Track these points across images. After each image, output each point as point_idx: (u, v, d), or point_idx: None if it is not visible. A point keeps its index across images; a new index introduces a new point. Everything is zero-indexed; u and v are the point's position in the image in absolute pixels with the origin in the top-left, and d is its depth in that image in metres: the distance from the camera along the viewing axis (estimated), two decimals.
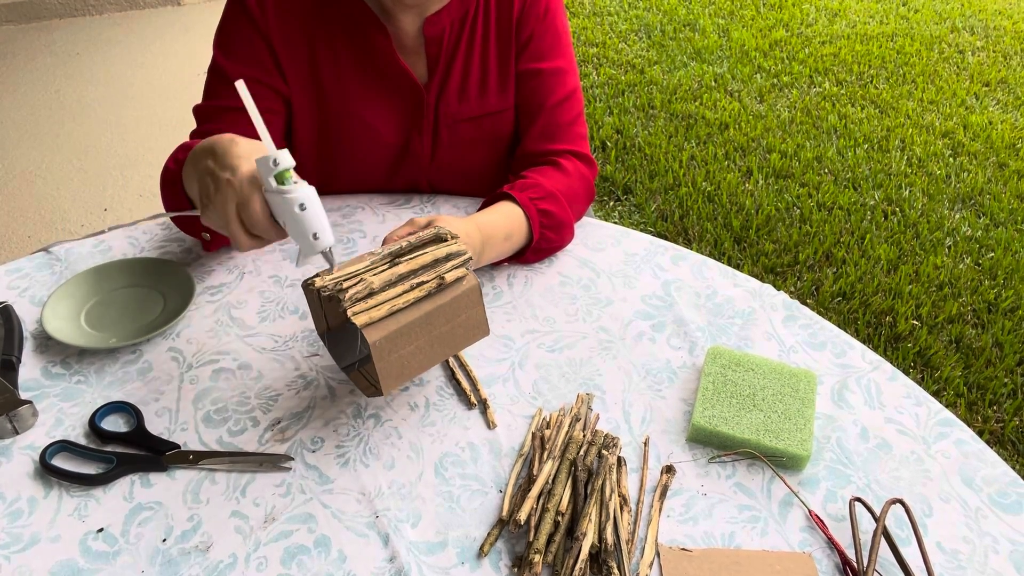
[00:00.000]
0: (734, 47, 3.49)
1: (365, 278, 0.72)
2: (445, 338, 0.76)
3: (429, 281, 0.74)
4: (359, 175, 1.12)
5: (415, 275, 0.74)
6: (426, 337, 0.75)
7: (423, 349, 0.75)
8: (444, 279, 0.74)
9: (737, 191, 2.55)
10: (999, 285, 2.20)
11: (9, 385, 0.81)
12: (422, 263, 0.75)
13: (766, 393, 0.82)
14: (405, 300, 0.73)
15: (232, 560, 0.68)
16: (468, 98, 1.07)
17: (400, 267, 0.74)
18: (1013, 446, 1.77)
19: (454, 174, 1.14)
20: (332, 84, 1.03)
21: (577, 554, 0.66)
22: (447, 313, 0.75)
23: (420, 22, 1.02)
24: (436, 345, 0.76)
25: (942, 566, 0.70)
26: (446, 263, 0.76)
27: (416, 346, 0.74)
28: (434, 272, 0.75)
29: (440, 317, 0.75)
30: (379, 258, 0.75)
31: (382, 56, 1.02)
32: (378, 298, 0.72)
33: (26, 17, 3.58)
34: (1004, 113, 3.05)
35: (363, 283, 0.71)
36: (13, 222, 2.39)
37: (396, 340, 0.72)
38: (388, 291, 0.73)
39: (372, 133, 1.07)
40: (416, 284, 0.73)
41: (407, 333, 0.73)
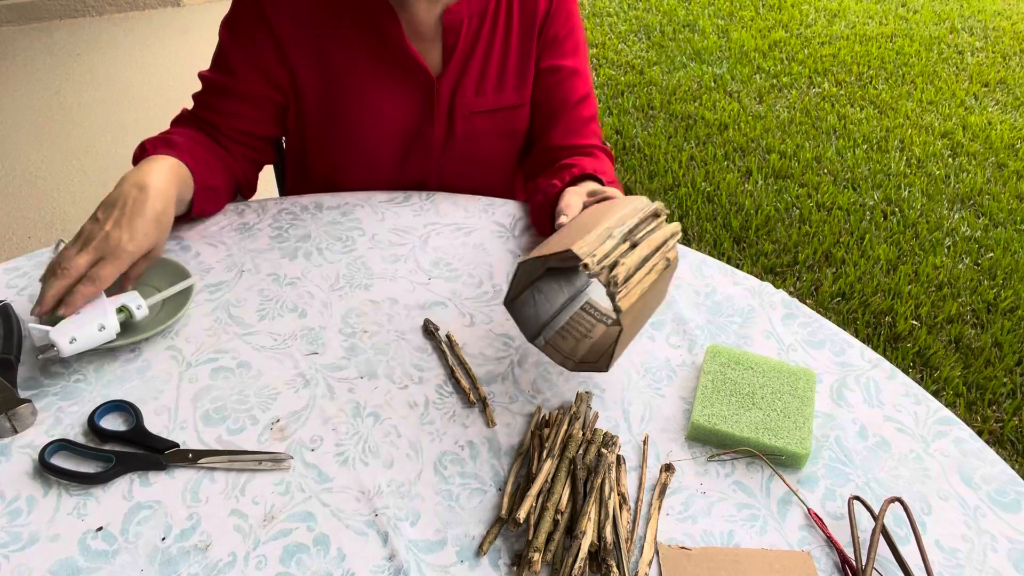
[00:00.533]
0: (733, 48, 3.49)
1: (622, 261, 0.72)
2: (647, 311, 0.78)
3: (659, 263, 0.74)
4: (368, 162, 1.13)
5: (651, 257, 0.74)
6: (642, 313, 0.76)
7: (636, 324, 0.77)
8: (669, 260, 0.75)
9: (736, 191, 2.55)
10: (998, 285, 2.20)
11: (8, 384, 0.80)
12: (655, 243, 0.75)
13: (765, 391, 0.82)
14: (649, 281, 0.74)
15: (231, 559, 0.68)
16: (485, 91, 1.08)
17: (641, 249, 0.74)
18: (1012, 446, 1.77)
19: (465, 166, 1.15)
20: (342, 70, 1.04)
21: (576, 552, 0.66)
22: (658, 289, 0.77)
23: (438, 11, 1.03)
24: (642, 320, 0.78)
25: (941, 564, 0.70)
26: (669, 241, 0.76)
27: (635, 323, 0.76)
28: (661, 253, 0.75)
29: (654, 294, 0.77)
30: (620, 237, 0.74)
31: (393, 43, 1.03)
32: (632, 281, 0.72)
33: (26, 18, 3.58)
34: (1003, 113, 3.06)
35: (624, 267, 0.71)
36: (13, 222, 2.39)
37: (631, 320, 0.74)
38: (637, 274, 0.73)
39: (382, 120, 1.08)
40: (652, 267, 0.74)
41: (635, 311, 0.74)
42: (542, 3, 1.06)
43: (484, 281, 0.99)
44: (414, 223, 1.07)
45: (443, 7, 1.02)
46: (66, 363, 0.85)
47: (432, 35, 1.04)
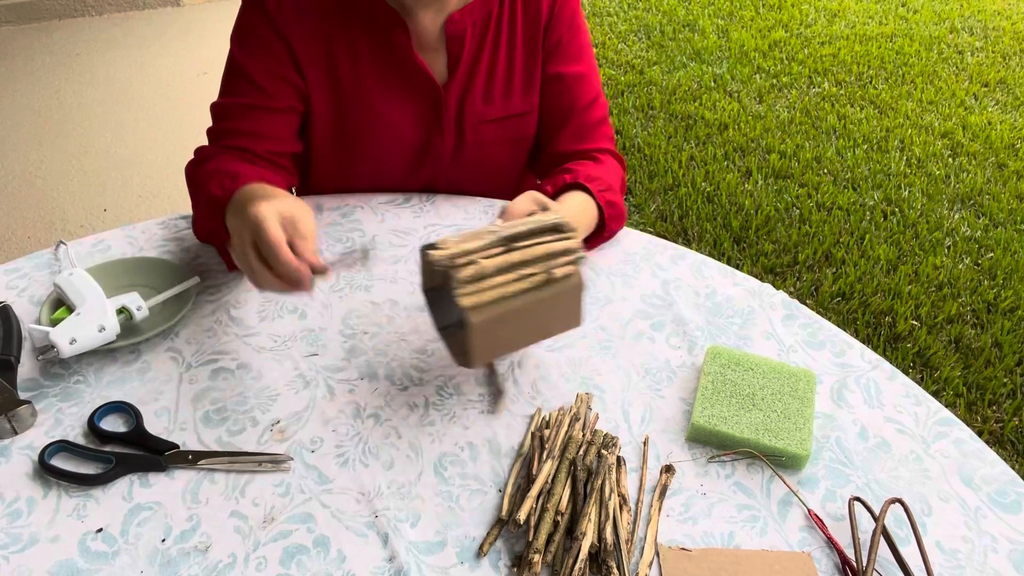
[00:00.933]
0: (733, 48, 3.49)
1: (479, 261, 0.73)
2: (540, 326, 0.79)
3: (538, 275, 0.75)
4: (378, 172, 1.12)
5: (527, 265, 0.75)
6: (524, 323, 0.77)
7: (518, 333, 0.78)
8: (553, 275, 0.75)
9: (736, 191, 2.55)
10: (998, 285, 2.20)
11: (8, 385, 0.80)
12: (536, 255, 0.75)
13: (765, 392, 0.82)
14: (514, 288, 0.74)
15: (231, 560, 0.68)
16: (493, 99, 1.08)
17: (514, 255, 0.75)
18: (1012, 446, 1.77)
19: (474, 173, 1.15)
20: (350, 80, 1.04)
21: (576, 554, 0.66)
22: (548, 305, 0.77)
23: (441, 20, 1.02)
24: (531, 331, 0.79)
25: (941, 565, 0.70)
26: (559, 258, 0.76)
27: (513, 330, 0.77)
28: (545, 266, 0.76)
29: (540, 308, 0.76)
30: (496, 240, 0.75)
31: (401, 52, 1.02)
32: (488, 282, 0.74)
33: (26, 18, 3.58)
34: (1003, 113, 3.06)
35: (476, 266, 0.73)
36: (13, 222, 2.39)
37: (496, 324, 0.74)
38: (498, 277, 0.74)
39: (391, 129, 1.08)
40: (526, 275, 0.75)
41: (507, 319, 0.75)
42: (544, 9, 1.06)
43: None
44: (414, 224, 1.07)
45: (446, 16, 1.02)
46: (66, 364, 0.85)
47: (437, 45, 1.04)
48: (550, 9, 1.06)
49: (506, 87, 1.08)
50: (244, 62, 1.00)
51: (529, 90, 1.09)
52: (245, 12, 1.01)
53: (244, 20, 1.01)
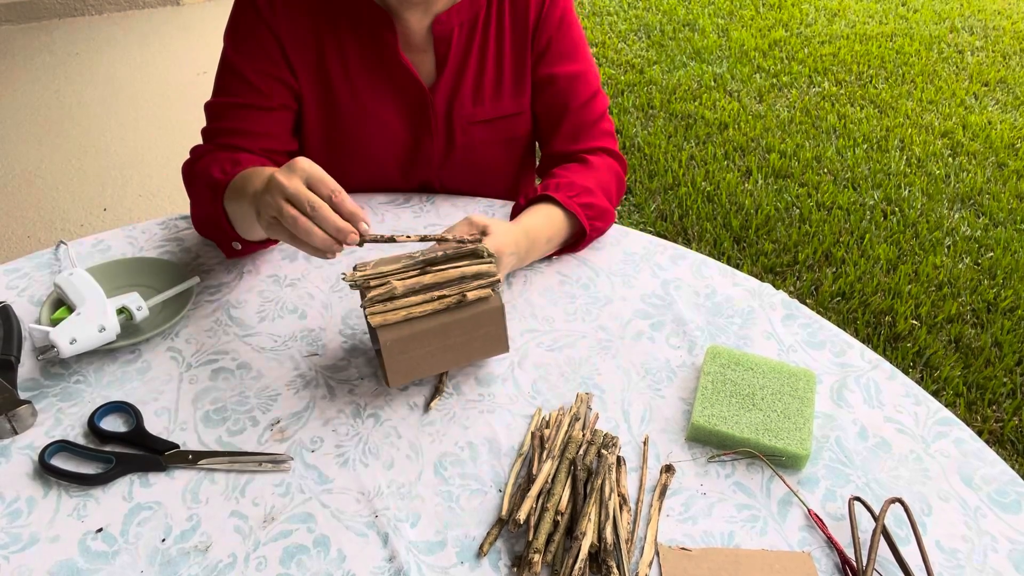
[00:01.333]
0: (733, 47, 3.49)
1: (391, 281, 0.78)
2: (461, 348, 0.80)
3: (450, 296, 0.78)
4: (372, 172, 1.12)
5: (439, 287, 0.79)
6: (440, 344, 0.79)
7: (436, 355, 0.79)
8: (465, 297, 0.78)
9: (736, 191, 2.55)
10: (998, 285, 2.20)
11: (8, 385, 0.80)
12: (449, 277, 0.79)
13: (765, 392, 0.82)
14: (422, 310, 0.77)
15: (232, 560, 0.68)
16: (482, 100, 1.08)
17: (427, 277, 0.78)
18: (1012, 446, 1.77)
19: (467, 175, 1.14)
20: (340, 80, 1.04)
21: (576, 553, 0.66)
22: (465, 327, 0.79)
23: (428, 21, 1.02)
24: (450, 353, 0.80)
25: (941, 565, 0.70)
26: (472, 281, 0.79)
27: (429, 351, 0.78)
28: (458, 289, 0.79)
29: (456, 330, 0.79)
30: (413, 263, 0.80)
31: (388, 53, 1.02)
32: (398, 303, 0.77)
33: (25, 17, 3.57)
34: (1003, 113, 3.06)
35: (387, 286, 0.77)
36: (13, 222, 2.39)
37: (408, 343, 0.77)
38: (410, 298, 0.78)
39: (382, 129, 1.08)
40: (437, 297, 0.78)
41: (420, 338, 0.77)
42: (532, 10, 1.05)
43: None
44: (414, 224, 1.07)
45: (432, 17, 1.01)
46: (66, 364, 0.85)
47: (424, 46, 1.04)
48: (538, 11, 1.05)
49: (495, 88, 1.07)
50: (237, 61, 1.01)
51: (519, 91, 1.09)
52: (237, 11, 1.01)
53: (237, 19, 1.01)
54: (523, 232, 0.94)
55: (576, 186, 1.02)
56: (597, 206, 1.02)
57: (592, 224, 1.01)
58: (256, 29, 1.00)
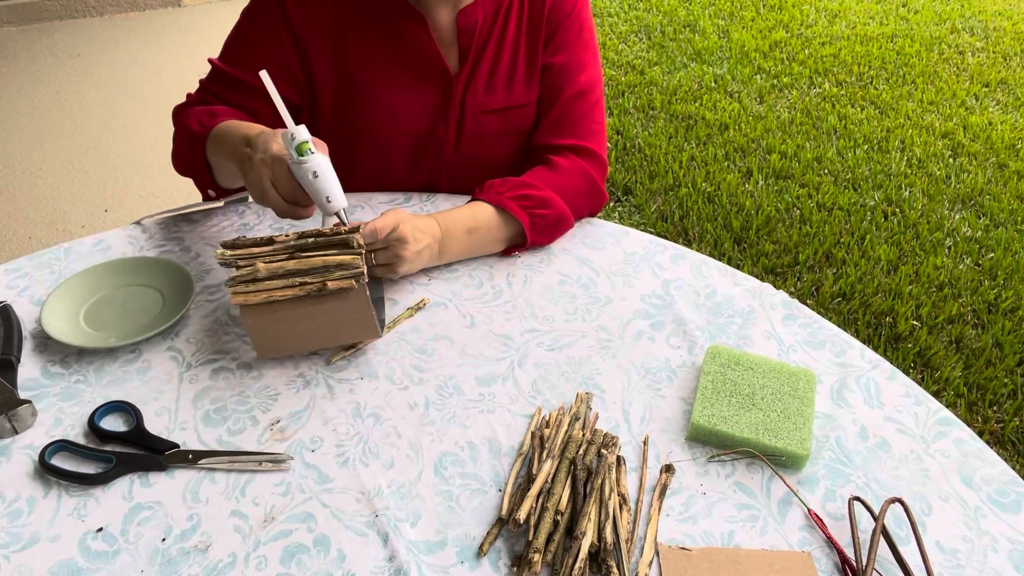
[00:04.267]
0: (734, 48, 3.49)
1: (257, 264, 0.81)
2: (329, 331, 0.83)
3: (312, 284, 0.80)
4: (381, 165, 1.13)
5: (302, 274, 0.81)
6: (306, 326, 0.82)
7: (302, 335, 0.83)
8: (325, 286, 0.80)
9: (737, 192, 2.55)
10: (999, 285, 2.20)
11: (8, 385, 0.81)
12: (312, 265, 0.81)
13: (765, 392, 0.82)
14: (283, 294, 0.80)
15: (232, 559, 0.68)
16: (495, 90, 1.09)
17: (291, 263, 0.81)
18: (1013, 446, 1.77)
19: (475, 166, 1.15)
20: (361, 72, 1.05)
21: (576, 553, 0.66)
22: (328, 313, 0.82)
23: (454, 14, 1.04)
24: (319, 335, 0.83)
25: (941, 565, 0.70)
26: (335, 271, 0.81)
27: (295, 331, 0.82)
28: (320, 278, 0.80)
29: (320, 314, 0.82)
30: (284, 247, 0.82)
31: (418, 45, 1.04)
32: (261, 285, 0.81)
33: (27, 18, 3.58)
34: (1004, 114, 3.05)
35: (251, 268, 0.81)
36: (13, 222, 2.39)
37: (270, 323, 0.81)
38: (272, 281, 0.81)
39: (396, 122, 1.09)
40: (299, 283, 0.80)
41: (282, 320, 0.81)
42: (548, 1, 1.07)
43: (484, 282, 0.99)
44: None
45: (459, 9, 1.03)
46: (66, 364, 0.85)
47: (449, 38, 1.06)
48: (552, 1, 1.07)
49: (509, 78, 1.09)
50: (246, 39, 1.05)
51: (531, 82, 1.10)
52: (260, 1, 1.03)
53: (259, 6, 1.03)
54: (435, 220, 0.96)
55: (510, 183, 1.03)
56: (535, 197, 1.01)
57: (531, 212, 1.00)
58: (275, 19, 1.02)
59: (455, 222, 0.98)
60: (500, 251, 1.03)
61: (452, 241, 0.97)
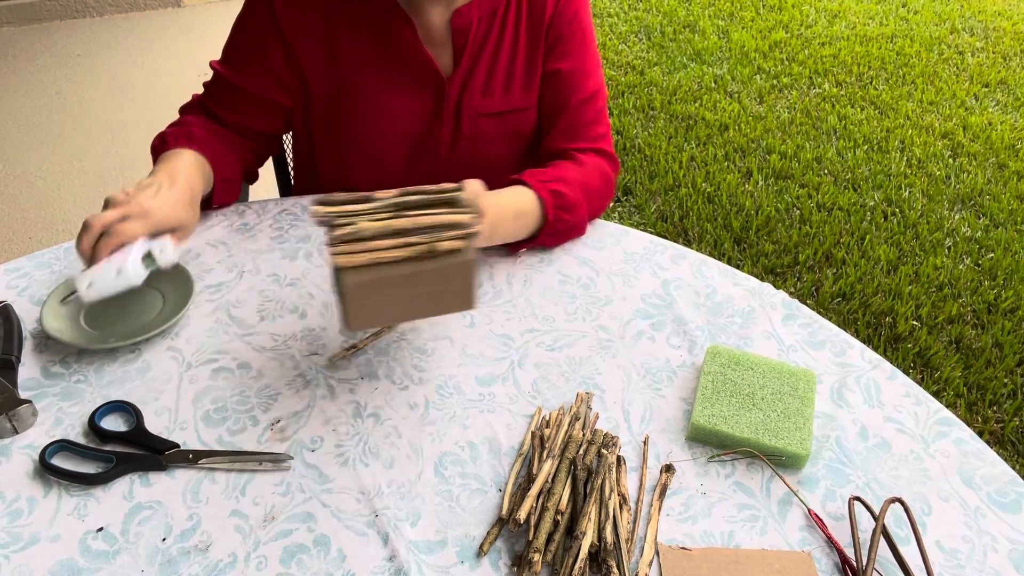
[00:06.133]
0: (734, 48, 3.49)
1: (358, 223, 0.72)
2: (426, 300, 0.76)
3: (421, 245, 0.73)
4: (377, 166, 1.13)
5: (410, 234, 0.73)
6: (406, 294, 0.74)
7: (399, 303, 0.75)
8: (436, 248, 0.73)
9: (737, 192, 2.55)
10: (999, 286, 2.20)
11: (8, 385, 0.81)
12: (422, 224, 0.74)
13: (765, 392, 0.82)
14: (391, 255, 0.73)
15: (232, 559, 0.68)
16: (492, 93, 1.09)
17: (399, 221, 0.73)
18: (1013, 446, 1.77)
19: (472, 169, 1.14)
20: (352, 73, 1.05)
21: (576, 553, 0.66)
22: (432, 278, 0.74)
23: (448, 15, 1.03)
24: (415, 304, 0.76)
25: (941, 565, 0.70)
26: (446, 231, 0.74)
27: (394, 299, 0.74)
28: (430, 237, 0.74)
29: (424, 280, 0.74)
30: (386, 204, 0.74)
31: (407, 46, 1.04)
32: (365, 245, 0.72)
33: (27, 19, 3.58)
34: (1004, 114, 3.06)
35: (354, 227, 0.72)
36: (13, 222, 2.39)
37: (371, 288, 0.72)
38: (378, 241, 0.72)
39: (391, 123, 1.09)
40: (408, 244, 0.73)
41: (385, 284, 0.73)
42: (549, 6, 1.07)
43: (484, 282, 0.99)
44: None
45: (452, 10, 1.03)
46: (67, 363, 0.85)
47: (443, 38, 1.05)
48: (554, 6, 1.07)
49: (507, 82, 1.08)
50: (237, 42, 1.07)
51: (529, 86, 1.10)
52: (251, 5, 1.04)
53: (249, 5, 1.05)
54: (489, 201, 0.92)
55: (550, 173, 1.02)
56: (567, 197, 1.00)
57: (557, 213, 0.99)
58: (263, 22, 1.03)
59: (505, 205, 0.95)
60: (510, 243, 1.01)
61: (502, 224, 0.95)
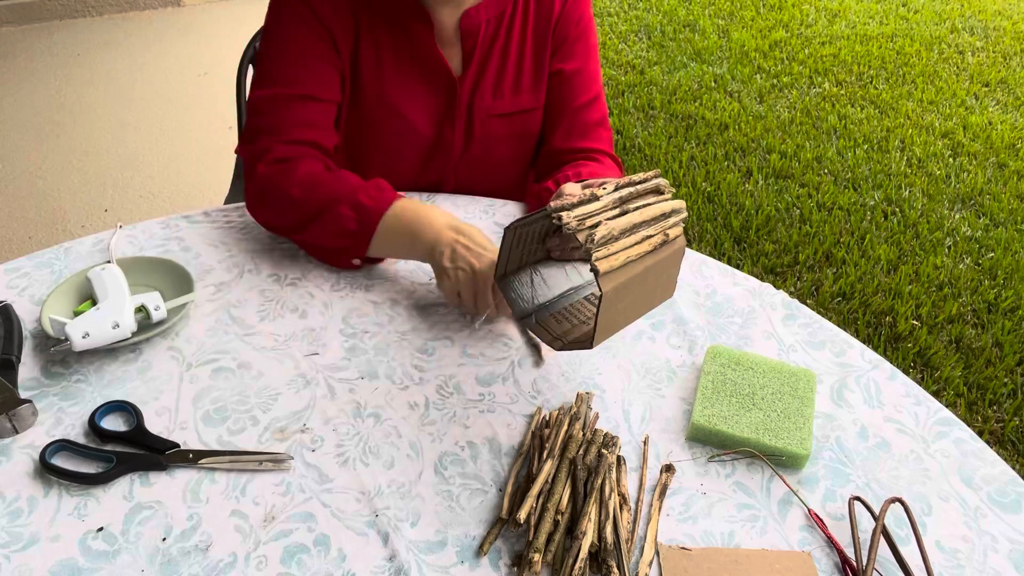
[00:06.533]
0: (734, 48, 3.49)
1: (605, 222, 0.69)
2: (645, 297, 0.75)
3: (655, 236, 0.72)
4: (391, 165, 1.13)
5: (646, 226, 0.72)
6: (638, 293, 0.73)
7: (628, 307, 0.74)
8: (668, 235, 0.72)
9: (737, 191, 2.55)
10: (999, 285, 2.20)
11: (9, 384, 0.81)
12: (651, 215, 0.72)
13: (765, 392, 0.82)
14: (638, 252, 0.70)
15: (232, 559, 0.68)
16: (503, 94, 1.09)
17: (632, 216, 0.71)
18: (1013, 446, 1.77)
19: (482, 169, 1.15)
20: (371, 71, 1.05)
21: (576, 553, 0.66)
22: (659, 269, 0.74)
23: (457, 16, 1.04)
24: (638, 303, 0.75)
25: (941, 565, 0.70)
26: (670, 218, 0.73)
27: (628, 302, 0.73)
28: (660, 227, 0.72)
29: (652, 274, 0.73)
30: (608, 202, 0.71)
31: (422, 46, 1.04)
32: (616, 245, 0.70)
33: (27, 18, 3.58)
34: (1004, 113, 3.05)
35: (606, 227, 0.69)
36: (13, 222, 2.39)
37: (620, 293, 0.70)
38: (624, 239, 0.70)
39: (405, 123, 1.09)
40: (645, 237, 0.71)
41: (628, 287, 0.71)
42: (556, 7, 1.07)
43: None
44: None
45: (462, 11, 1.03)
46: (67, 363, 0.85)
47: (452, 40, 1.06)
48: (561, 7, 1.08)
49: (516, 83, 1.09)
50: (293, 51, 0.99)
51: (537, 86, 1.10)
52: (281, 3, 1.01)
53: (282, 10, 1.01)
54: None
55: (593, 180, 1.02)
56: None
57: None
58: (305, 18, 1.00)
59: None
60: None
61: None
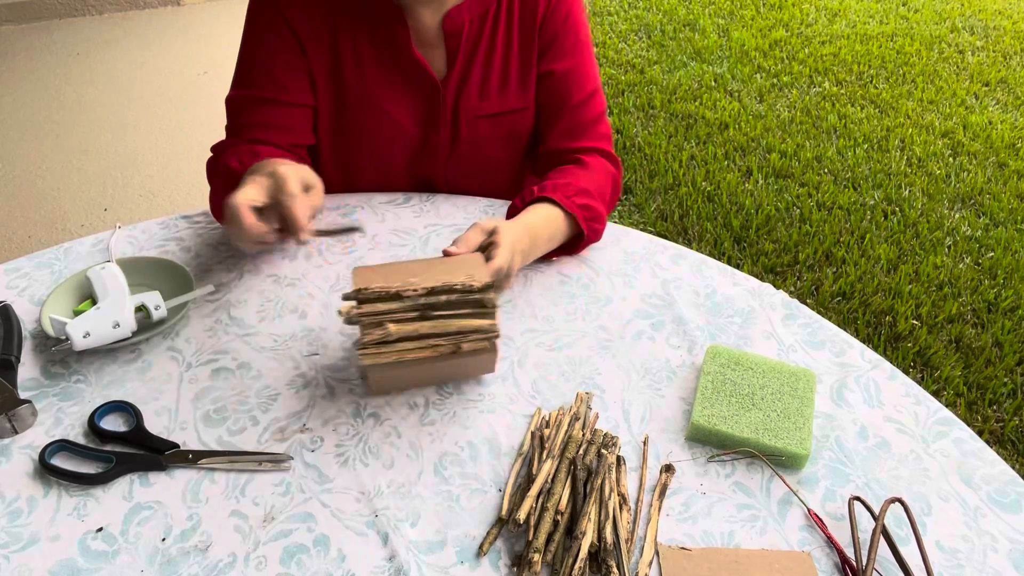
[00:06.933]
0: (734, 47, 3.49)
1: (388, 327, 0.75)
2: (446, 372, 0.82)
3: (445, 347, 0.78)
4: (380, 167, 1.13)
5: (437, 337, 0.77)
6: (427, 372, 0.81)
7: (420, 376, 0.82)
8: (460, 348, 0.78)
9: (737, 191, 2.55)
10: (999, 285, 2.20)
11: (8, 385, 0.81)
12: (447, 328, 0.77)
13: (765, 392, 0.82)
14: (415, 356, 0.77)
15: (231, 559, 0.68)
16: (489, 95, 1.08)
17: (426, 325, 0.76)
18: (1013, 446, 1.77)
19: (472, 170, 1.15)
20: (352, 74, 1.05)
21: (576, 553, 0.66)
22: (455, 366, 0.80)
23: (440, 16, 1.03)
24: (435, 376, 0.83)
25: (941, 565, 0.70)
26: (469, 336, 0.78)
27: (413, 374, 0.81)
28: (454, 340, 0.78)
29: (447, 367, 0.81)
30: (412, 304, 0.76)
31: (400, 48, 1.03)
32: (391, 347, 0.76)
33: (26, 17, 3.58)
34: (1004, 113, 3.05)
35: (383, 331, 0.75)
36: (13, 222, 2.39)
37: (392, 372, 0.79)
38: (404, 343, 0.77)
39: (392, 124, 1.08)
40: (432, 345, 0.77)
41: (406, 371, 0.79)
42: (540, 6, 1.06)
43: None
44: (414, 224, 1.07)
45: (444, 12, 1.02)
46: (66, 364, 0.85)
47: (435, 41, 1.05)
48: (546, 6, 1.06)
49: (502, 83, 1.08)
50: (260, 54, 1.02)
51: (524, 86, 1.09)
52: (256, 6, 1.02)
53: (256, 13, 1.02)
54: (524, 229, 0.93)
55: (573, 187, 1.01)
56: (594, 208, 1.01)
57: (590, 226, 1.00)
58: (277, 23, 1.01)
59: (539, 229, 0.96)
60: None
61: (536, 250, 0.97)
